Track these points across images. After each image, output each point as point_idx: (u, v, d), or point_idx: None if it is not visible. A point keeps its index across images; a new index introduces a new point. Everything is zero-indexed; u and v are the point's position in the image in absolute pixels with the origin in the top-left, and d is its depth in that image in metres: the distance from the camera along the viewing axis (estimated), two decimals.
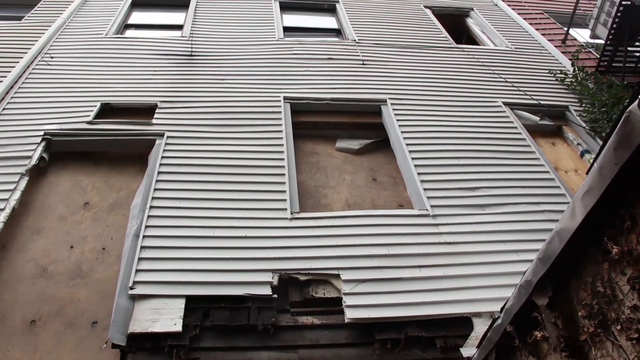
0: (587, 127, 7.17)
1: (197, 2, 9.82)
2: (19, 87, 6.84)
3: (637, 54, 8.58)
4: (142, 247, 4.71)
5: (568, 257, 2.30)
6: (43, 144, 5.89)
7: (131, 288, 4.34)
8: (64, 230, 5.10)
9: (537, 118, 7.36)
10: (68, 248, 4.90)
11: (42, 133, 6.00)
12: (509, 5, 11.22)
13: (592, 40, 9.64)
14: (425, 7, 10.68)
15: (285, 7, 10.13)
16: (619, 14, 8.12)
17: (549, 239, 2.35)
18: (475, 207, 5.64)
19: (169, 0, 10.04)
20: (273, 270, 4.63)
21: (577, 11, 9.75)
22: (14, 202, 5.09)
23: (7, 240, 4.90)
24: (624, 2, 8.02)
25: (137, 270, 4.49)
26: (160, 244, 4.79)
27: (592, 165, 2.03)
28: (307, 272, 4.68)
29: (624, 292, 2.06)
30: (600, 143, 6.06)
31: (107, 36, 8.37)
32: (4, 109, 6.41)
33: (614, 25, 8.21)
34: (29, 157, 5.64)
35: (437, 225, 5.35)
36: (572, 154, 7.00)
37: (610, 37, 8.33)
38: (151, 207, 5.15)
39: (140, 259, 4.60)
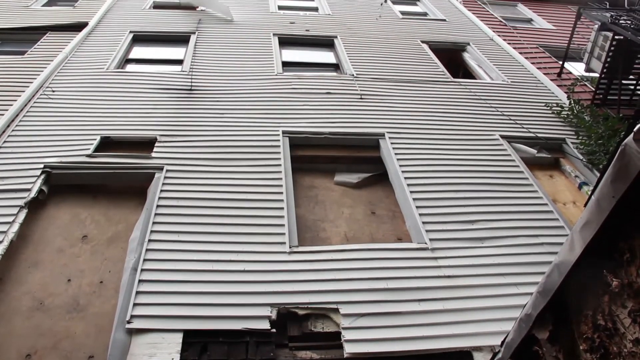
0: (584, 160, 7.21)
1: (197, 37, 9.97)
2: (20, 120, 6.89)
3: (632, 87, 8.69)
4: (140, 281, 4.68)
5: (568, 290, 2.30)
6: (43, 176, 5.90)
7: (128, 322, 4.30)
8: (61, 263, 5.07)
9: (535, 151, 7.40)
10: (65, 281, 4.86)
11: (42, 166, 6.02)
12: (504, 39, 11.39)
13: (587, 74, 9.76)
14: (422, 42, 10.83)
15: (284, 42, 10.28)
16: (612, 48, 8.26)
17: (548, 272, 2.35)
18: (474, 240, 5.63)
19: (169, 36, 10.20)
20: (272, 305, 4.60)
21: (571, 45, 9.90)
22: (12, 235, 5.08)
23: (4, 273, 4.87)
24: (616, 37, 8.17)
25: (135, 304, 4.46)
26: (159, 278, 4.76)
27: (589, 197, 2.05)
28: (305, 306, 4.64)
29: (625, 326, 2.04)
30: (598, 175, 6.09)
31: (108, 70, 8.47)
32: (4, 141, 6.45)
33: (608, 59, 8.35)
34: (29, 190, 5.65)
35: (436, 258, 5.33)
36: (570, 186, 7.03)
37: (605, 70, 8.46)
38: (150, 240, 5.13)
39: (138, 292, 4.57)
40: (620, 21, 8.40)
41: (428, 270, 5.19)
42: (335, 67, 9.71)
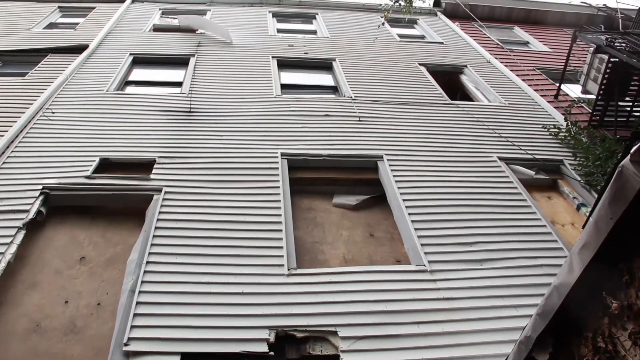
0: (582, 181, 7.23)
1: (196, 59, 10.05)
2: (20, 141, 6.91)
3: (628, 109, 8.76)
4: (137, 303, 4.65)
5: (567, 312, 2.29)
6: (41, 197, 5.90)
7: (125, 344, 4.26)
8: (59, 284, 5.04)
9: (533, 172, 7.43)
10: (63, 303, 4.83)
11: (40, 187, 6.02)
12: (501, 62, 11.50)
13: (583, 96, 9.85)
14: (420, 64, 10.93)
15: (282, 65, 10.37)
16: (608, 71, 8.34)
17: (548, 294, 2.35)
18: (472, 262, 5.61)
19: (169, 58, 10.29)
20: (270, 327, 4.56)
21: (568, 68, 9.99)
22: (9, 256, 5.06)
23: (0, 294, 4.83)
24: (612, 59, 8.25)
25: (132, 327, 4.42)
26: (156, 300, 4.73)
27: (587, 219, 2.05)
28: (304, 328, 4.61)
29: (625, 348, 2.04)
30: (596, 196, 6.09)
31: (107, 92, 8.52)
32: (4, 162, 6.46)
33: (604, 81, 8.43)
34: (27, 211, 5.64)
35: (434, 280, 5.31)
36: (568, 208, 7.03)
37: (601, 92, 8.53)
38: (148, 262, 5.12)
39: (135, 314, 4.54)
40: (615, 44, 8.49)
41: (427, 292, 5.17)
42: (334, 89, 9.77)
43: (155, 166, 6.64)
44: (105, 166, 6.69)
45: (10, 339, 4.46)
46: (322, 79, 10.27)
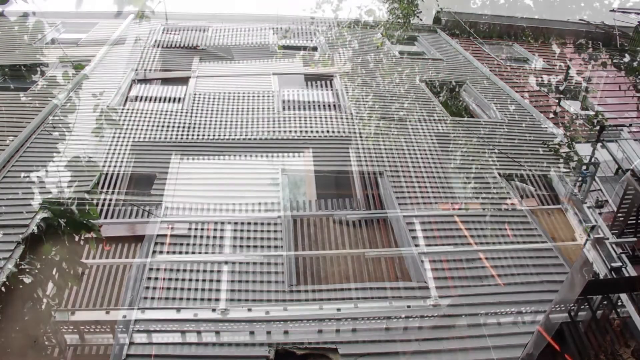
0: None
1: (197, 76, 10.08)
2: (21, 156, 6.91)
3: None
4: (137, 320, 4.63)
5: (569, 329, 2.28)
6: (41, 212, 5.88)
7: None
8: (58, 300, 5.00)
9: (533, 188, 7.42)
10: (62, 319, 4.79)
11: (40, 201, 6.01)
12: (500, 78, 11.54)
13: (582, 112, 9.87)
14: (420, 80, 10.97)
15: (283, 82, 10.39)
16: None
17: (549, 311, 2.34)
18: (473, 279, 5.59)
19: (170, 75, 10.31)
20: (270, 344, 4.54)
21: (567, 84, 10.03)
22: (8, 271, 5.03)
23: None
24: None
25: (132, 343, 4.40)
26: (156, 316, 4.72)
27: (588, 236, 2.05)
28: (304, 346, 4.58)
29: None
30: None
31: (109, 108, 8.53)
32: (4, 176, 6.46)
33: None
34: (26, 226, 5.63)
35: (435, 297, 5.29)
36: (569, 224, 7.01)
37: None
38: (148, 278, 5.12)
39: (135, 330, 4.52)
40: (614, 60, 8.55)
41: (428, 309, 5.14)
42: (335, 105, 9.79)
43: (155, 181, 6.64)
44: (106, 181, 6.69)
45: (6, 355, 4.42)
46: (323, 95, 10.30)
